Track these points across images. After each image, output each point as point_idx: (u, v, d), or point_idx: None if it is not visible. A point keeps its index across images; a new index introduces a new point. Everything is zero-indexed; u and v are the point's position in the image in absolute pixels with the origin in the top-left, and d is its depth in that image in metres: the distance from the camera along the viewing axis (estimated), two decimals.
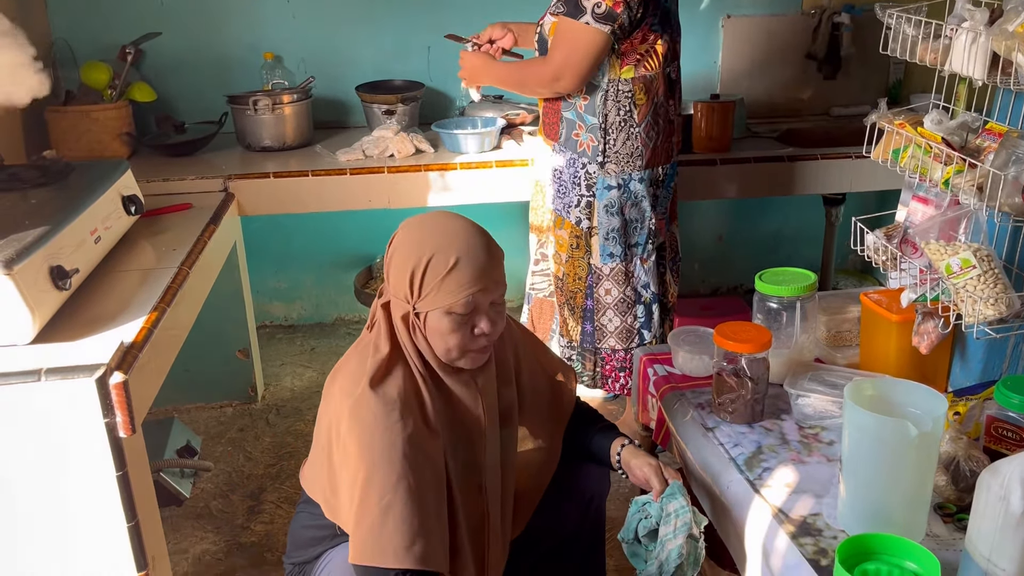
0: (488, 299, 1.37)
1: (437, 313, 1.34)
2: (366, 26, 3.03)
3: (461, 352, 1.38)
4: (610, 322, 2.32)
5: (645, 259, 2.28)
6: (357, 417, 1.31)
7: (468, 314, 1.35)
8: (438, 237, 1.35)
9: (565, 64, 2.05)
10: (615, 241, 2.23)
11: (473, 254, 1.34)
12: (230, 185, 2.54)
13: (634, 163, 2.17)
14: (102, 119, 2.64)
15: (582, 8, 2.00)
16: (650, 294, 2.32)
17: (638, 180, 2.18)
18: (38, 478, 1.47)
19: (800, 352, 1.79)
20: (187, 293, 1.88)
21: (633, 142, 2.14)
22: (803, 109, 3.28)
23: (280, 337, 3.33)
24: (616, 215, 2.21)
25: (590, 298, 2.31)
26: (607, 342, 2.34)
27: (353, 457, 1.30)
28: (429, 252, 1.33)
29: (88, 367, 1.44)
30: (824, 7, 3.15)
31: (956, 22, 1.52)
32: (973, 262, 1.47)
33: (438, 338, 1.37)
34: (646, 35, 2.08)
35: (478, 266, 1.34)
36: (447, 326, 1.35)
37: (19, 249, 1.50)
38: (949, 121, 1.61)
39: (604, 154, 2.15)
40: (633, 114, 2.12)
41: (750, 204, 3.38)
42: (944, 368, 1.75)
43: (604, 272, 2.27)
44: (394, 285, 1.39)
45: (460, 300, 1.33)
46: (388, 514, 1.26)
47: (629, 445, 1.55)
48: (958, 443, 1.43)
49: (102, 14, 2.89)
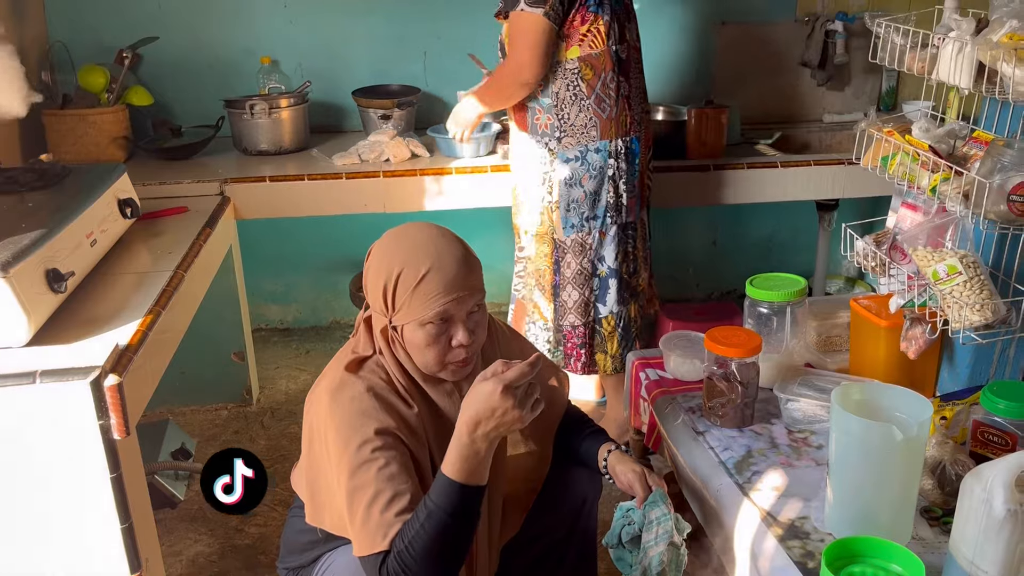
0: (463, 309, 1.36)
1: (412, 326, 1.34)
2: (363, 31, 3.05)
3: (440, 365, 1.37)
4: (569, 297, 2.37)
5: (603, 232, 2.33)
6: (334, 408, 1.33)
7: (443, 324, 1.35)
8: (409, 250, 1.35)
9: (519, 55, 2.16)
10: (575, 211, 2.30)
11: (444, 264, 1.34)
12: (226, 189, 2.55)
13: (588, 134, 2.25)
14: (99, 122, 2.65)
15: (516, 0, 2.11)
16: (606, 268, 2.36)
17: (594, 151, 2.26)
18: (32, 479, 1.48)
19: (790, 357, 1.81)
20: (182, 296, 1.89)
21: (586, 114, 2.23)
22: (796, 115, 3.30)
23: (275, 340, 3.34)
24: (576, 186, 2.28)
25: (557, 273, 2.38)
26: (567, 319, 2.39)
27: (335, 451, 1.32)
28: (400, 265, 1.34)
29: (83, 369, 1.45)
30: (817, 14, 3.17)
31: (943, 32, 1.54)
32: (959, 268, 1.49)
33: (416, 351, 1.37)
34: (584, 16, 2.17)
35: (449, 276, 1.34)
36: (422, 338, 1.35)
37: (15, 252, 1.51)
38: (937, 129, 1.63)
39: (561, 130, 2.25)
40: (581, 87, 2.21)
41: (743, 209, 3.40)
42: (932, 373, 1.77)
43: (567, 244, 2.34)
44: (372, 299, 1.41)
45: (432, 311, 1.33)
46: (364, 504, 1.28)
47: (616, 451, 1.56)
48: (944, 447, 1.45)
49: (99, 18, 2.90)
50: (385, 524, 1.27)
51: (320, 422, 1.37)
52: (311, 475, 1.43)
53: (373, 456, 1.29)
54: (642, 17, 2.39)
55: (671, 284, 3.46)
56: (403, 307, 1.34)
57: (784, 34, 3.22)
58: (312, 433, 1.41)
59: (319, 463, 1.39)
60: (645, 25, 2.42)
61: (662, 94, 3.16)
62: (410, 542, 1.25)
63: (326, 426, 1.35)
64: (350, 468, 1.30)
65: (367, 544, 1.28)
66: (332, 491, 1.36)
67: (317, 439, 1.39)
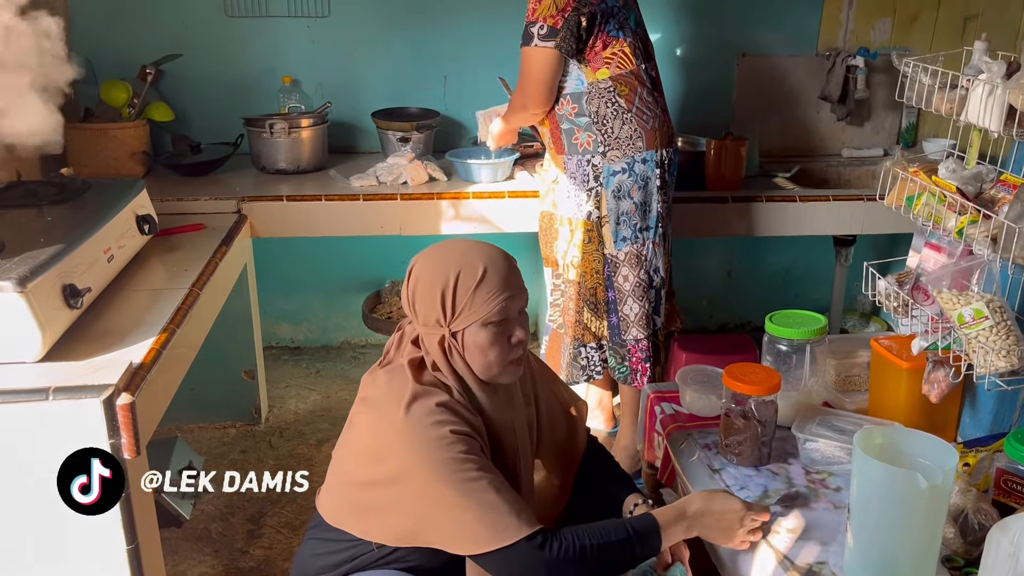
0: (517, 306, 1.39)
1: (474, 328, 1.36)
2: (384, 53, 3.06)
3: (501, 365, 1.39)
4: (631, 310, 2.38)
5: (657, 243, 2.37)
6: (407, 438, 1.31)
7: (503, 323, 1.37)
8: (460, 255, 1.38)
9: (523, 91, 2.28)
10: (626, 224, 2.32)
11: (496, 264, 1.37)
12: (243, 207, 2.55)
13: (635, 145, 2.28)
14: (120, 137, 2.66)
15: (531, 34, 2.20)
16: (659, 279, 2.40)
17: (641, 161, 2.29)
18: (41, 496, 1.46)
19: (809, 395, 1.78)
20: (197, 314, 1.89)
21: (629, 126, 2.27)
22: (816, 149, 3.29)
23: (286, 359, 3.33)
24: (625, 198, 2.31)
25: (611, 289, 2.38)
26: (631, 333, 2.40)
27: (416, 463, 1.30)
28: (455, 269, 1.35)
29: (96, 387, 1.44)
30: (838, 50, 3.17)
31: (973, 73, 1.53)
32: (986, 313, 1.46)
33: (478, 354, 1.37)
34: (607, 41, 2.24)
35: (503, 274, 1.37)
36: (485, 339, 1.36)
37: (33, 267, 1.51)
38: (963, 171, 1.61)
39: (605, 144, 2.28)
40: (620, 103, 2.26)
41: (760, 241, 3.38)
42: (954, 418, 1.74)
43: (620, 259, 2.35)
44: (423, 313, 1.38)
45: (494, 309, 1.35)
46: (483, 504, 1.27)
47: (643, 504, 1.53)
48: (967, 495, 1.42)
49: (124, 34, 2.91)
50: (520, 510, 1.29)
51: (393, 438, 1.33)
52: (365, 494, 1.38)
53: (467, 457, 1.29)
54: (663, 48, 2.40)
55: (684, 314, 3.42)
56: (464, 309, 1.35)
57: (804, 68, 3.22)
58: (372, 452, 1.36)
59: (379, 480, 1.35)
60: (666, 56, 2.43)
61: (682, 125, 3.15)
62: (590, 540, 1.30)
63: (400, 441, 1.32)
64: (445, 473, 1.28)
65: (503, 533, 1.27)
66: (398, 506, 1.33)
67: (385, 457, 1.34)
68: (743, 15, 3.15)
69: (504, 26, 2.99)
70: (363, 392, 1.43)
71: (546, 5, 2.16)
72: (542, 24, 2.17)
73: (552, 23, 2.16)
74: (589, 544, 1.30)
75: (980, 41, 1.57)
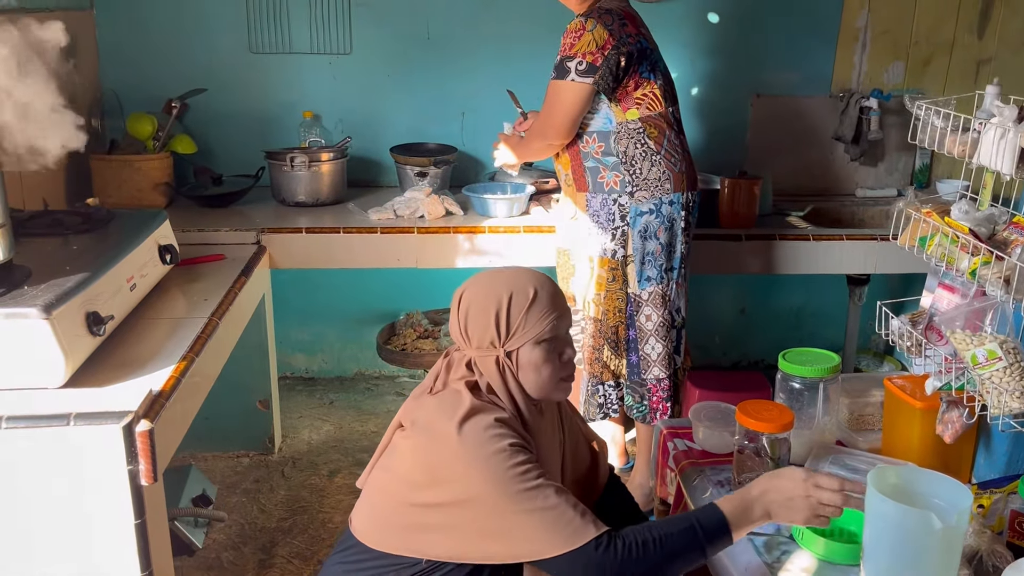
0: (565, 325, 1.44)
1: (528, 346, 1.40)
2: (403, 90, 3.12)
3: (554, 382, 1.43)
4: (653, 349, 2.39)
5: (680, 283, 2.39)
6: (468, 455, 1.32)
7: (554, 341, 1.42)
8: (509, 279, 1.43)
9: (547, 121, 2.30)
10: (651, 264, 2.34)
11: (544, 285, 1.43)
12: (263, 238, 2.59)
13: (663, 187, 2.31)
14: (144, 169, 2.72)
15: (567, 69, 2.23)
16: (680, 318, 2.42)
17: (668, 203, 2.32)
18: (58, 521, 1.48)
19: (821, 434, 1.78)
20: (215, 344, 1.91)
21: (658, 168, 2.30)
22: (829, 189, 3.31)
23: (300, 389, 3.34)
24: (652, 239, 2.33)
25: (632, 328, 2.39)
26: (652, 372, 2.41)
27: (482, 491, 1.30)
28: (508, 291, 1.40)
29: (116, 413, 1.46)
30: (852, 91, 3.20)
31: (985, 116, 1.55)
32: (999, 354, 1.47)
33: (532, 372, 1.41)
34: (639, 82, 2.27)
35: (552, 294, 1.43)
36: (540, 356, 1.40)
37: (59, 294, 1.54)
38: (976, 212, 1.62)
39: (633, 184, 2.30)
40: (649, 144, 2.29)
41: (773, 279, 3.39)
42: (968, 458, 1.73)
43: (643, 298, 2.36)
44: (477, 337, 1.41)
45: (547, 327, 1.40)
46: (547, 508, 1.29)
47: None
48: (981, 537, 1.41)
49: (151, 67, 2.99)
50: (584, 511, 1.30)
51: (452, 457, 1.33)
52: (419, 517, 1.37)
53: (529, 467, 1.31)
54: (679, 88, 2.44)
55: (697, 351, 3.43)
56: (518, 329, 1.39)
57: (818, 108, 3.25)
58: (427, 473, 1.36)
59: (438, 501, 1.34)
60: (682, 95, 2.47)
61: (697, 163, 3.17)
62: (651, 534, 1.30)
63: (460, 459, 1.32)
64: (511, 483, 1.29)
65: (572, 536, 1.28)
66: (459, 524, 1.32)
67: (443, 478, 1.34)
68: (758, 56, 3.19)
69: (520, 64, 3.06)
70: (409, 416, 1.42)
71: (586, 41, 2.20)
72: (581, 60, 2.20)
73: (592, 60, 2.20)
74: (651, 538, 1.31)
75: (992, 85, 1.59)
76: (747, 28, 3.16)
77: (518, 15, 3.06)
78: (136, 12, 2.95)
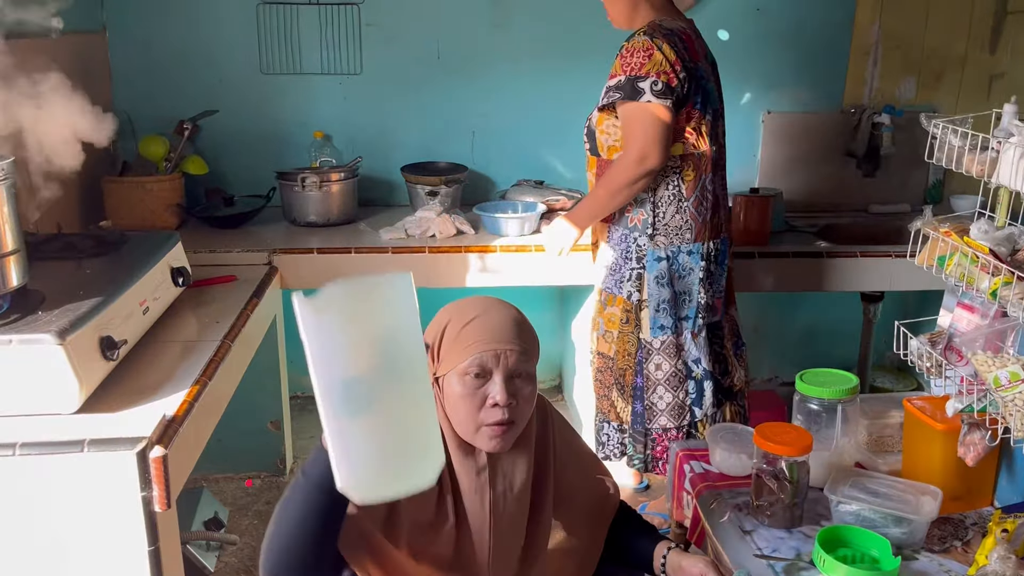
0: (503, 364, 1.29)
1: (452, 376, 1.30)
2: (414, 110, 3.12)
3: (473, 425, 1.30)
4: (660, 399, 2.30)
5: (696, 333, 2.29)
6: None
7: (481, 379, 1.29)
8: (463, 303, 1.36)
9: (645, 142, 2.10)
10: (665, 313, 2.25)
11: (490, 315, 1.31)
12: (274, 259, 2.58)
13: (682, 236, 2.22)
14: (156, 190, 2.72)
15: (639, 89, 2.08)
16: (701, 370, 2.31)
17: (686, 253, 2.23)
18: (71, 548, 1.47)
19: (840, 456, 1.76)
20: (228, 366, 1.91)
21: (683, 216, 2.20)
22: (842, 205, 3.30)
23: (311, 409, 3.33)
24: (666, 286, 2.24)
25: (640, 375, 2.31)
26: (658, 421, 2.32)
27: None
28: (448, 316, 1.34)
29: (130, 440, 1.46)
30: (864, 107, 3.19)
31: (1003, 135, 1.54)
32: (1022, 376, 1.45)
33: (451, 407, 1.31)
34: (690, 113, 2.17)
35: (493, 326, 1.30)
36: (459, 390, 1.29)
37: (73, 320, 1.53)
38: (996, 232, 1.60)
39: (654, 227, 2.21)
40: (682, 189, 2.19)
41: (786, 297, 3.37)
42: (990, 481, 1.71)
43: (654, 346, 2.28)
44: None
45: (469, 358, 1.28)
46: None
47: (675, 549, 1.51)
48: (1007, 563, 1.39)
49: (162, 89, 3.00)
50: None
51: None
52: None
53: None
54: None
55: None
56: (446, 355, 1.31)
57: (830, 124, 3.24)
58: None
59: None
60: None
61: None
62: None
63: None
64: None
65: None
66: None
67: None
68: (769, 73, 3.19)
69: (530, 83, 3.06)
70: None
71: (657, 60, 2.08)
72: (656, 79, 2.07)
73: (667, 79, 2.08)
74: None
75: (1010, 104, 1.58)
76: (758, 44, 3.16)
77: (528, 34, 3.07)
78: (148, 34, 2.97)
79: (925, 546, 1.55)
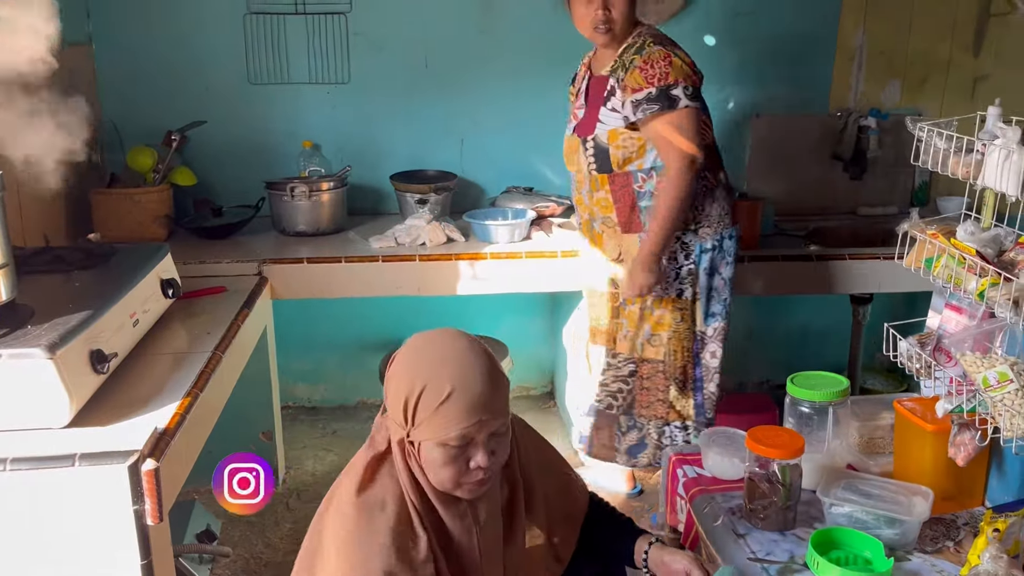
0: (485, 432, 1.29)
1: (430, 444, 1.28)
2: (402, 118, 3.12)
3: (455, 484, 1.31)
4: (718, 387, 2.40)
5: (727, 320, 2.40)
6: (337, 525, 1.30)
7: (463, 447, 1.28)
8: (433, 365, 1.29)
9: (688, 146, 2.18)
10: (717, 299, 2.34)
11: (468, 385, 1.27)
12: (264, 269, 2.58)
13: (724, 221, 2.31)
14: (144, 202, 2.72)
15: (674, 97, 2.16)
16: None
17: (728, 237, 2.32)
18: (63, 562, 1.46)
19: (832, 458, 1.76)
20: (219, 378, 1.90)
21: (719, 203, 2.29)
22: (830, 208, 3.31)
23: (303, 419, 3.32)
24: (715, 274, 2.33)
25: (699, 366, 2.38)
26: (713, 412, 2.41)
27: (332, 565, 1.27)
28: (423, 381, 1.27)
29: (121, 453, 1.45)
30: (850, 110, 3.21)
31: (988, 138, 1.55)
32: (1011, 376, 1.46)
33: (431, 469, 1.31)
34: None
35: (473, 398, 1.27)
36: (440, 458, 1.28)
37: (62, 333, 1.53)
38: (982, 233, 1.62)
39: (696, 221, 2.27)
40: (708, 178, 2.26)
41: (776, 300, 3.38)
42: (981, 480, 1.72)
43: (708, 334, 2.36)
44: (391, 408, 1.34)
45: (453, 434, 1.26)
46: None
47: (657, 543, 1.51)
48: (998, 562, 1.39)
49: (149, 100, 2.99)
50: None
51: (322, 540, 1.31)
52: None
53: None
54: None
55: None
56: (423, 424, 1.28)
57: (817, 127, 3.26)
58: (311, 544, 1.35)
59: None
60: None
61: None
62: None
63: (327, 548, 1.30)
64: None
65: None
66: None
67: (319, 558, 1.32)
68: (756, 76, 3.20)
69: (517, 90, 3.07)
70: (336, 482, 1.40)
71: (678, 66, 2.17)
72: (685, 85, 2.16)
73: (692, 83, 2.18)
74: None
75: (994, 107, 1.59)
76: (744, 49, 3.17)
77: (514, 42, 3.08)
78: (134, 46, 2.96)
79: (917, 547, 1.56)
